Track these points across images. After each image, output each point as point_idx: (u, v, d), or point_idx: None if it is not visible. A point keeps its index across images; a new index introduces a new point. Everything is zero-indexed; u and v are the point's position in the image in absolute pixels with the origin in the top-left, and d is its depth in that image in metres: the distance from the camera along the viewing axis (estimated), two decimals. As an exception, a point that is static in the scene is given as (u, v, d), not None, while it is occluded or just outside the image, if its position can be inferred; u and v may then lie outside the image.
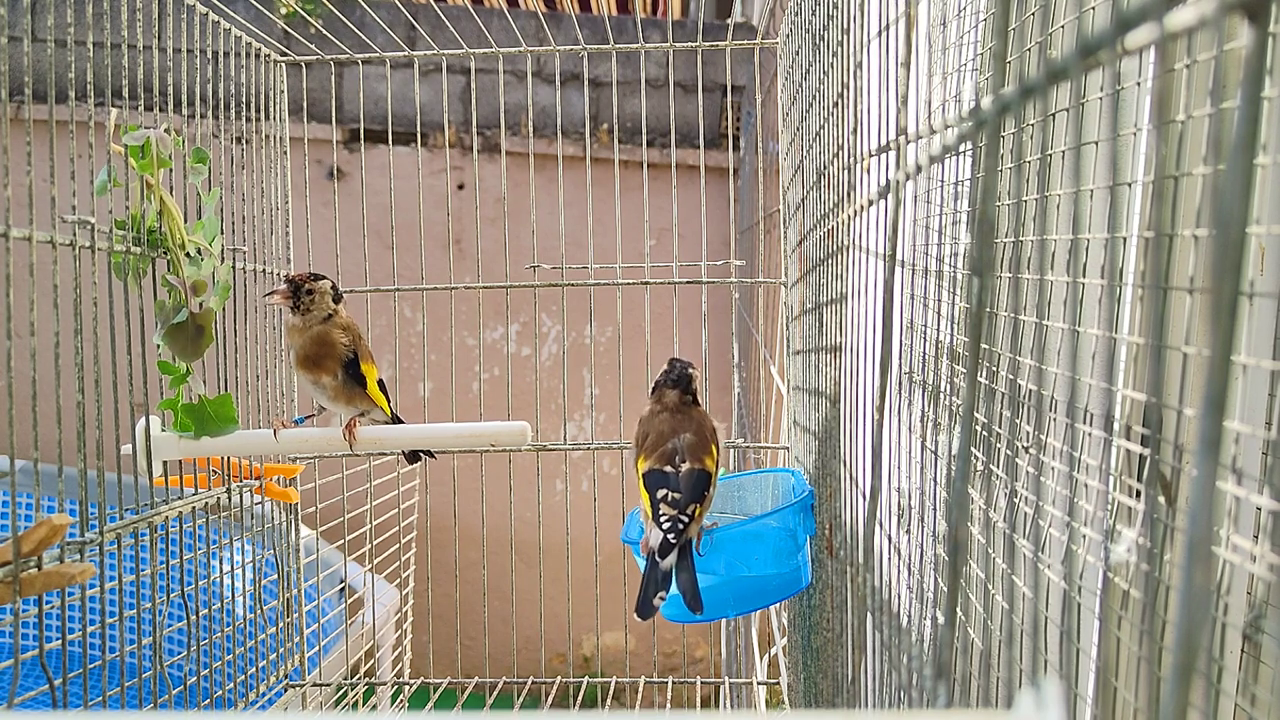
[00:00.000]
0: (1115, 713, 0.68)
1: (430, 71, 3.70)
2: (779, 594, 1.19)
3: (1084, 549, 0.70)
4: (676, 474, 1.12)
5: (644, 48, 1.63)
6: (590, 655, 3.75)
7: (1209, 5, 0.22)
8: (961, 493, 0.35)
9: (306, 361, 1.36)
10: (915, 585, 0.69)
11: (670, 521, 1.08)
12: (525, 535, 1.81)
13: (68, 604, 1.05)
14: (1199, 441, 0.22)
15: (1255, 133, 0.21)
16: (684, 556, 1.08)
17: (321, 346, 1.35)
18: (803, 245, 1.27)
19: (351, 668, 1.81)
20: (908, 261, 0.70)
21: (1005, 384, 0.78)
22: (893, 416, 0.77)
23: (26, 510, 2.86)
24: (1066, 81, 0.29)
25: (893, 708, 0.63)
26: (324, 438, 1.38)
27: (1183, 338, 0.62)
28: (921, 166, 0.49)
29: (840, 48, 0.85)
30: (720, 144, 3.77)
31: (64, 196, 1.06)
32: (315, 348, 1.35)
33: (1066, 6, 0.76)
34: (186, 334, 1.26)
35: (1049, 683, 0.30)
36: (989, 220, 0.33)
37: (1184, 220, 0.65)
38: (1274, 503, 0.53)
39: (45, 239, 1.03)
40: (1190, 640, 0.22)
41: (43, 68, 1.09)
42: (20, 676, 0.97)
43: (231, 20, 1.46)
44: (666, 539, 1.07)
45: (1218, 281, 0.21)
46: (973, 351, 0.34)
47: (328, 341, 1.36)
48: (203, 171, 1.29)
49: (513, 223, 3.44)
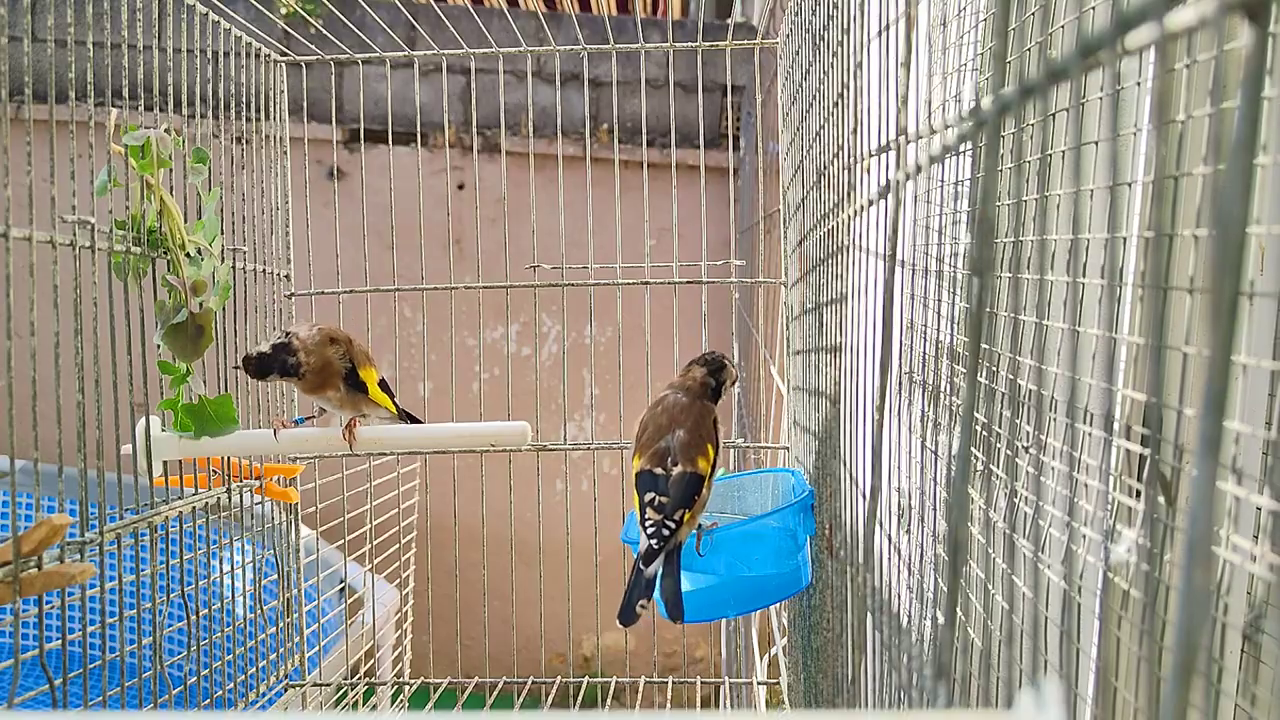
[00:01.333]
0: (1115, 713, 0.68)
1: (430, 71, 3.70)
2: (779, 594, 1.19)
3: (1084, 549, 0.70)
4: (667, 477, 1.09)
5: (644, 48, 1.63)
6: (590, 655, 3.75)
7: (1209, 5, 0.22)
8: (961, 493, 0.35)
9: (311, 390, 1.37)
10: (915, 585, 0.69)
11: (655, 527, 1.05)
12: (525, 535, 1.81)
13: (68, 604, 1.05)
14: (1199, 441, 0.22)
15: (1255, 133, 0.21)
16: (670, 562, 1.05)
17: (320, 375, 1.35)
18: (803, 245, 1.27)
19: (351, 668, 1.81)
20: (908, 261, 0.70)
21: (1005, 384, 0.78)
22: (893, 416, 0.77)
23: (26, 510, 2.86)
24: (1066, 81, 0.29)
25: (893, 708, 0.63)
26: (324, 438, 1.38)
27: (1183, 338, 0.62)
28: (921, 166, 0.49)
29: (840, 48, 0.85)
30: (720, 144, 3.77)
31: (64, 196, 1.06)
32: (315, 378, 1.35)
33: (1066, 6, 0.76)
34: (186, 334, 1.26)
35: (1049, 683, 0.30)
36: (989, 220, 0.33)
37: (1184, 220, 0.65)
38: (1274, 503, 0.53)
39: (45, 239, 1.03)
40: (1190, 640, 0.22)
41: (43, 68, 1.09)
42: (20, 676, 0.97)
43: (231, 20, 1.46)
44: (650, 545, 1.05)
45: (1218, 281, 0.21)
46: (973, 351, 0.34)
47: (325, 368, 1.35)
48: (203, 171, 1.29)
49: (513, 223, 3.44)
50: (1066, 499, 0.71)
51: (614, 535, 1.29)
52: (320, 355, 1.35)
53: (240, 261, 1.47)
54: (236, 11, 1.51)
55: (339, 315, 1.67)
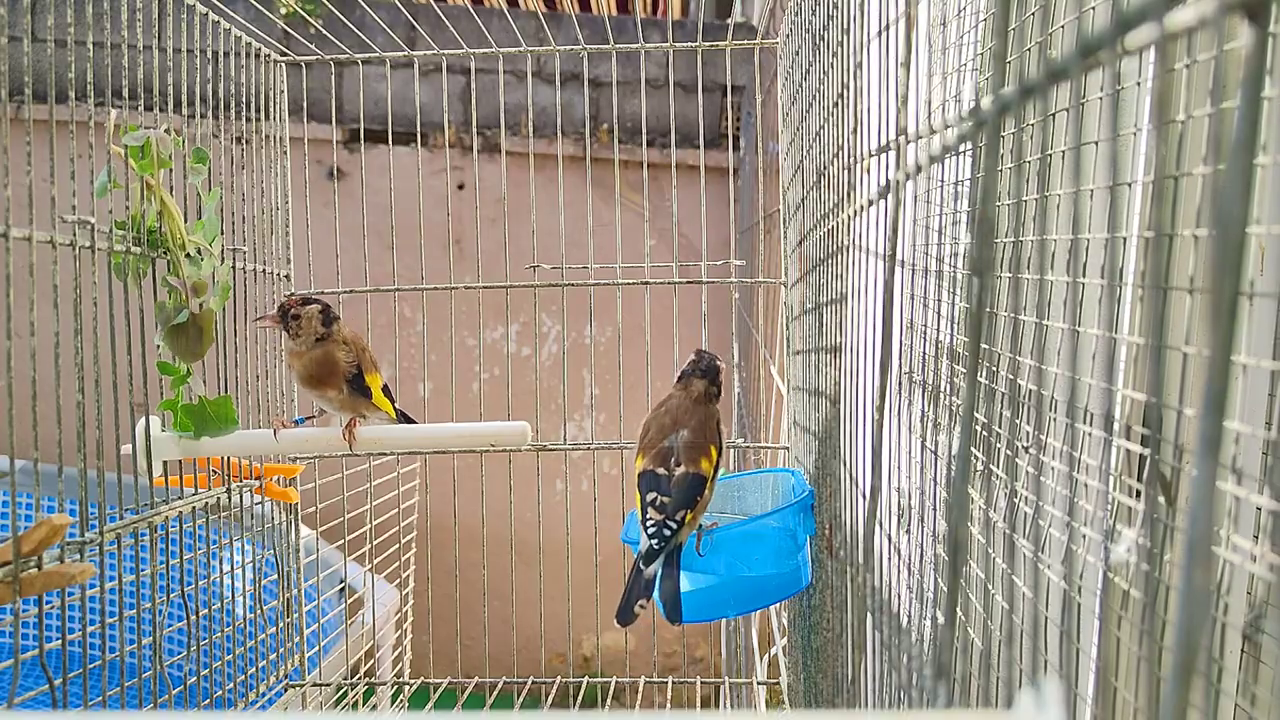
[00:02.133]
0: (1115, 713, 0.68)
1: (430, 71, 3.70)
2: (779, 594, 1.19)
3: (1084, 549, 0.70)
4: (670, 477, 1.09)
5: (644, 48, 1.63)
6: (590, 655, 3.75)
7: (1209, 5, 0.22)
8: (961, 493, 0.35)
9: (310, 380, 1.38)
10: (915, 585, 0.69)
11: (656, 527, 1.06)
12: (525, 535, 1.81)
13: (68, 604, 1.05)
14: (1199, 441, 0.22)
15: (1255, 133, 0.21)
16: (670, 563, 1.05)
17: (323, 367, 1.37)
18: (803, 245, 1.27)
19: (351, 668, 1.81)
20: (908, 261, 0.70)
21: (1005, 384, 0.78)
22: (893, 416, 0.77)
23: (26, 510, 2.86)
24: (1066, 81, 0.29)
25: (893, 708, 0.63)
26: (324, 438, 1.38)
27: (1183, 338, 0.62)
28: (921, 166, 0.49)
29: (840, 48, 0.85)
30: (720, 144, 3.77)
31: (64, 196, 1.06)
32: (317, 369, 1.37)
33: (1066, 6, 0.76)
34: (187, 335, 1.26)
35: (1049, 683, 0.30)
36: (989, 220, 0.33)
37: (1184, 220, 0.65)
38: (1274, 503, 0.53)
39: (45, 239, 1.03)
40: (1190, 640, 0.22)
41: (43, 68, 1.09)
42: (20, 676, 0.97)
43: (231, 20, 1.46)
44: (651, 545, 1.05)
45: (1218, 281, 0.21)
46: (972, 351, 0.34)
47: (329, 362, 1.37)
48: (202, 171, 1.29)
49: (513, 223, 3.44)
50: (1066, 499, 0.71)
51: (614, 535, 1.29)
52: (326, 350, 1.36)
53: (240, 261, 1.47)
54: (236, 11, 1.51)
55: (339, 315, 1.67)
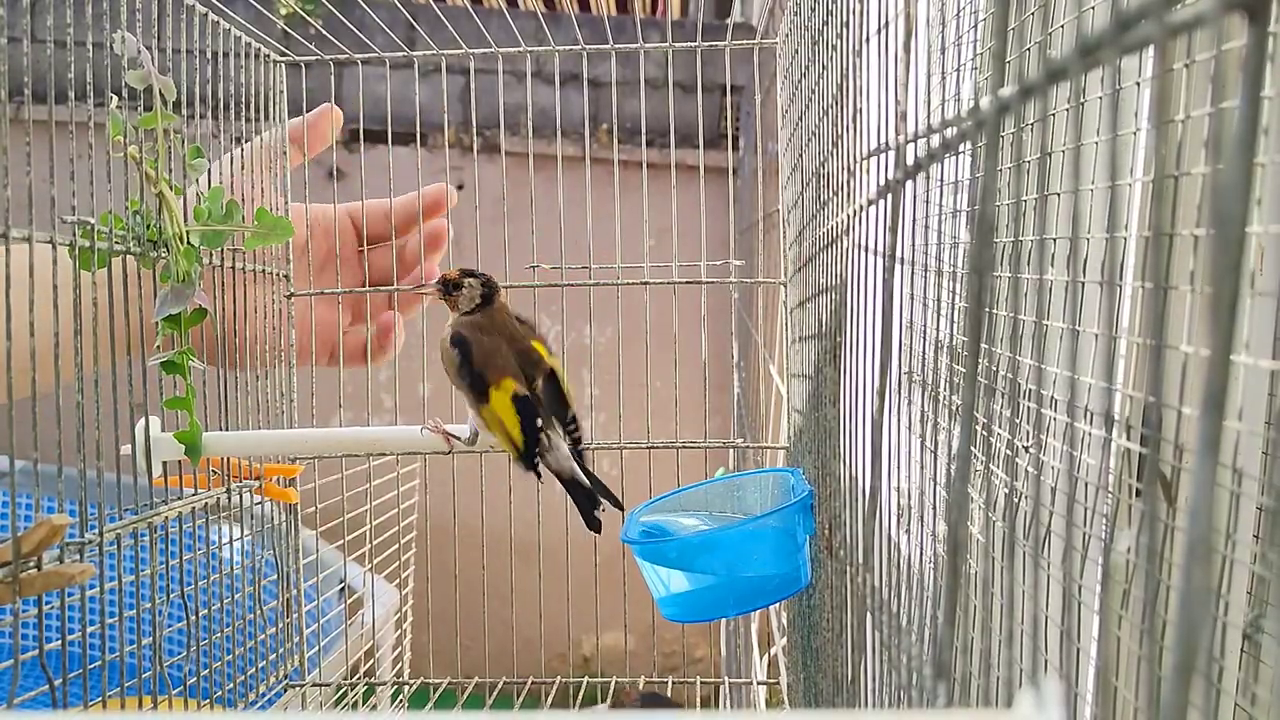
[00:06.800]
0: (1115, 713, 0.69)
1: (430, 71, 3.70)
2: (779, 594, 1.19)
3: (1084, 549, 0.70)
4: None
5: (643, 48, 1.63)
6: (590, 655, 3.75)
7: (1209, 5, 0.22)
8: (961, 492, 0.35)
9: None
10: (915, 585, 0.69)
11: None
12: (525, 535, 1.81)
13: (68, 604, 1.05)
14: (1199, 441, 0.22)
15: (1255, 132, 0.21)
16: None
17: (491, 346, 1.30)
18: (801, 244, 1.27)
19: (351, 668, 1.81)
20: (907, 260, 0.70)
21: (1005, 383, 0.78)
22: (892, 416, 0.77)
23: (26, 510, 2.86)
24: (1066, 81, 0.29)
25: (893, 708, 0.63)
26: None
27: (1183, 337, 0.62)
28: (921, 166, 0.49)
29: (839, 45, 0.85)
30: (720, 144, 3.77)
31: (64, 196, 1.06)
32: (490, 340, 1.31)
33: (1066, 6, 0.76)
34: (184, 325, 1.26)
35: (1049, 683, 0.30)
36: (989, 220, 0.33)
37: (1184, 220, 0.65)
38: (1274, 503, 0.53)
39: (45, 239, 1.03)
40: (1190, 640, 0.22)
41: (43, 68, 1.09)
42: (20, 676, 0.97)
43: (231, 20, 1.46)
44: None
45: (1218, 281, 0.21)
46: (972, 350, 0.34)
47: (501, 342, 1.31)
48: (201, 169, 1.29)
49: (513, 223, 3.44)
50: (1066, 498, 0.71)
51: (614, 535, 1.29)
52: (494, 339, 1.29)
53: (240, 262, 1.47)
54: (236, 11, 1.51)
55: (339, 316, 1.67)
